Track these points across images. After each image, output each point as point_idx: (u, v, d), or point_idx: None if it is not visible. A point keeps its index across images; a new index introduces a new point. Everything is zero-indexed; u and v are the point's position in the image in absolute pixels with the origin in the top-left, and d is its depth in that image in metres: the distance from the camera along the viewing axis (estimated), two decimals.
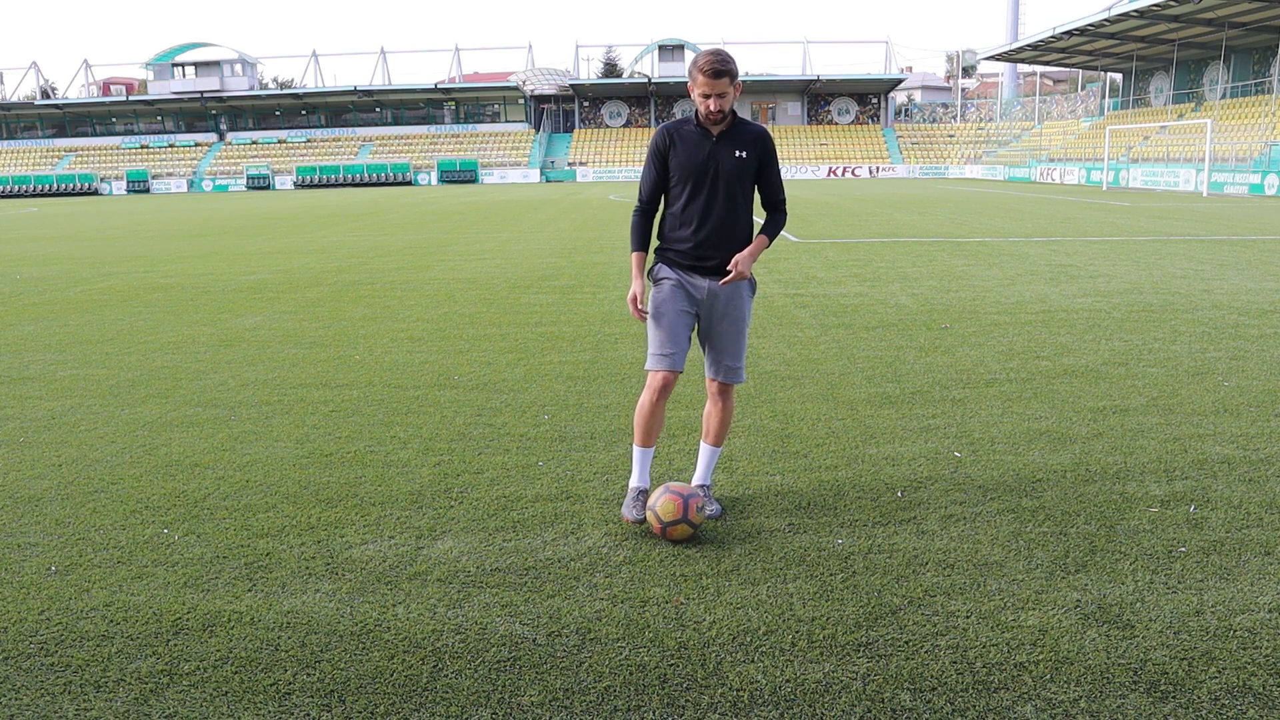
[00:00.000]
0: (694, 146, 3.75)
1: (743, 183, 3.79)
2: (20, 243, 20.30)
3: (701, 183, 3.74)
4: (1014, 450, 4.76)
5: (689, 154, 3.75)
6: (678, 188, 3.80)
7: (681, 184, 3.78)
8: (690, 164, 3.74)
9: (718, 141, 3.74)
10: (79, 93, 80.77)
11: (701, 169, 3.73)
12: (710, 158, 3.73)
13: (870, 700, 2.63)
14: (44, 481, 4.51)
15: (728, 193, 3.75)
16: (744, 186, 3.81)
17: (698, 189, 3.75)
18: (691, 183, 3.74)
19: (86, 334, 8.53)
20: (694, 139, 3.75)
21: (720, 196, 3.75)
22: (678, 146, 3.77)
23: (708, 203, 3.75)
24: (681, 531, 3.66)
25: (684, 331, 3.82)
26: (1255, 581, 3.30)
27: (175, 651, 2.93)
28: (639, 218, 3.90)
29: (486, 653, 2.91)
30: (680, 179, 3.77)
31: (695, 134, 3.76)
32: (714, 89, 3.61)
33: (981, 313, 8.76)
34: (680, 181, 3.78)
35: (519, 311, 9.34)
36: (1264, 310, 8.73)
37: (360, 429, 5.31)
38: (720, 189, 3.74)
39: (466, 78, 79.83)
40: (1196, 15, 41.53)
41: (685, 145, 3.76)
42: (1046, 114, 68.50)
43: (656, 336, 3.82)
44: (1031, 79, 75.43)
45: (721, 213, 3.76)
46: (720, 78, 3.59)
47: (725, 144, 3.74)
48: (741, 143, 3.76)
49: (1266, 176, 33.96)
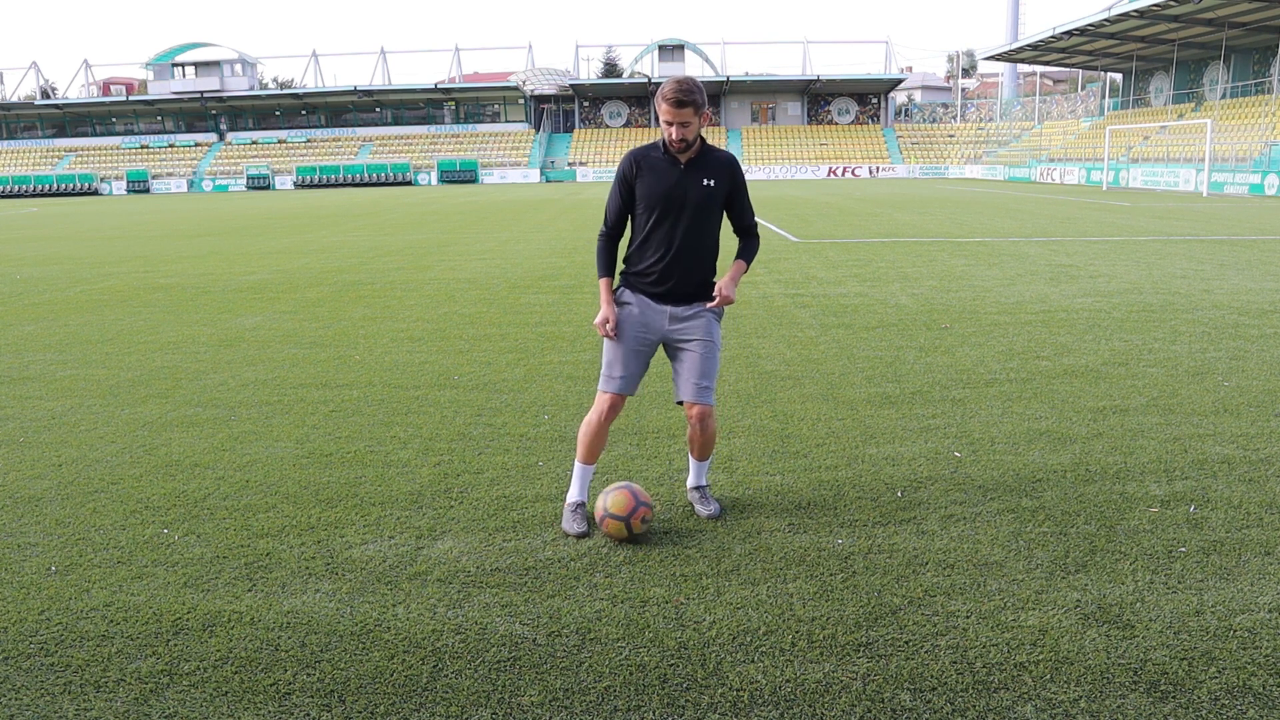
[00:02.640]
0: (661, 174, 3.71)
1: (710, 211, 3.76)
2: (20, 243, 20.30)
3: (668, 211, 3.70)
4: (1014, 450, 4.76)
5: (656, 182, 3.71)
6: (644, 215, 3.75)
7: (648, 212, 3.74)
8: (657, 192, 3.70)
9: (686, 170, 3.70)
10: (79, 93, 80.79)
11: (668, 198, 3.69)
12: (677, 186, 3.69)
13: (870, 700, 2.63)
14: (44, 481, 4.51)
15: (694, 221, 3.72)
16: (711, 215, 3.78)
17: (664, 217, 3.71)
18: (658, 211, 3.71)
19: (86, 334, 8.53)
20: (662, 167, 3.71)
21: (686, 225, 3.71)
22: (645, 174, 3.73)
23: (673, 231, 3.71)
24: (615, 528, 3.67)
25: (639, 359, 3.82)
26: (1255, 581, 3.30)
27: (175, 651, 2.93)
28: (604, 242, 3.87)
29: (486, 653, 2.91)
30: (647, 207, 3.73)
31: (663, 162, 3.72)
32: (677, 117, 3.57)
33: (981, 313, 8.76)
34: (647, 210, 3.74)
35: (519, 311, 9.34)
36: (1264, 310, 8.73)
37: (360, 429, 5.31)
38: (686, 218, 3.71)
39: (466, 78, 79.82)
40: (1196, 15, 41.52)
41: (653, 173, 3.72)
42: (1046, 114, 68.49)
43: (611, 358, 3.82)
44: (1031, 79, 75.42)
45: (688, 241, 3.73)
46: (684, 107, 3.56)
47: (693, 172, 3.71)
48: (709, 171, 3.73)
49: (1266, 176, 33.95)
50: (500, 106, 76.45)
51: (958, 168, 64.79)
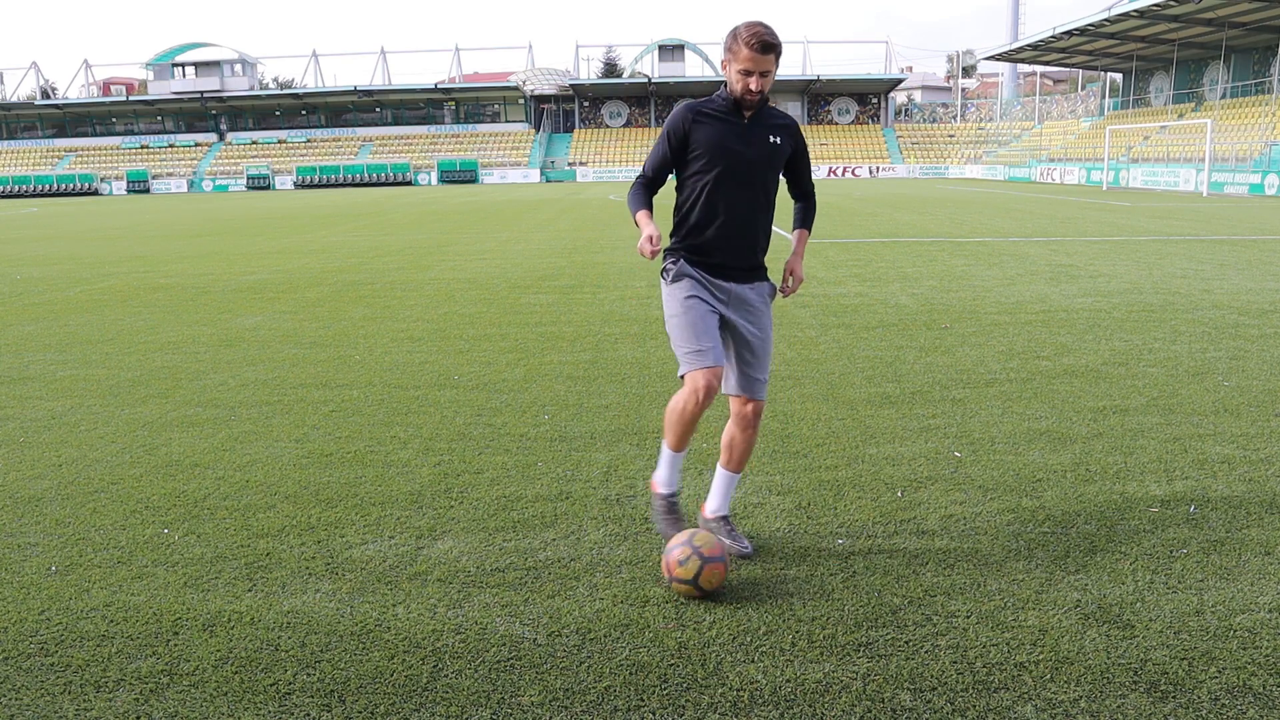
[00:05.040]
0: (724, 127, 3.35)
1: (772, 171, 3.43)
2: (20, 243, 20.30)
3: (729, 168, 3.35)
4: (1014, 450, 4.75)
5: (718, 136, 3.34)
6: (700, 172, 3.39)
7: (706, 167, 3.37)
8: (720, 147, 3.34)
9: (751, 124, 3.37)
10: (79, 93, 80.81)
11: (731, 153, 3.34)
12: (741, 140, 3.35)
13: (870, 700, 2.63)
14: (44, 481, 4.51)
15: (757, 182, 3.39)
16: (772, 176, 3.44)
17: (723, 174, 3.35)
18: (719, 167, 3.35)
19: (86, 334, 8.53)
20: (723, 118, 3.36)
21: (749, 187, 3.38)
22: (704, 125, 3.36)
23: (733, 191, 3.37)
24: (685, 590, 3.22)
25: (715, 328, 3.39)
26: (1255, 581, 3.30)
27: (175, 651, 2.93)
28: (641, 187, 3.48)
29: (486, 653, 2.91)
30: (706, 161, 3.36)
31: (725, 113, 3.36)
32: (759, 65, 3.20)
33: (981, 313, 8.75)
34: (706, 164, 3.37)
35: (519, 311, 9.34)
36: (1264, 310, 8.72)
37: (360, 429, 5.31)
38: (749, 178, 3.37)
39: (466, 78, 79.81)
40: (1196, 15, 41.52)
41: (712, 126, 3.35)
42: (1046, 114, 68.48)
43: (685, 333, 3.37)
44: (1031, 79, 75.42)
45: (747, 204, 3.39)
46: (769, 52, 3.19)
47: (757, 128, 3.37)
48: (774, 129, 3.40)
49: (1266, 176, 33.95)
50: (500, 106, 76.47)
51: (958, 168, 64.78)
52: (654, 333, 7.99)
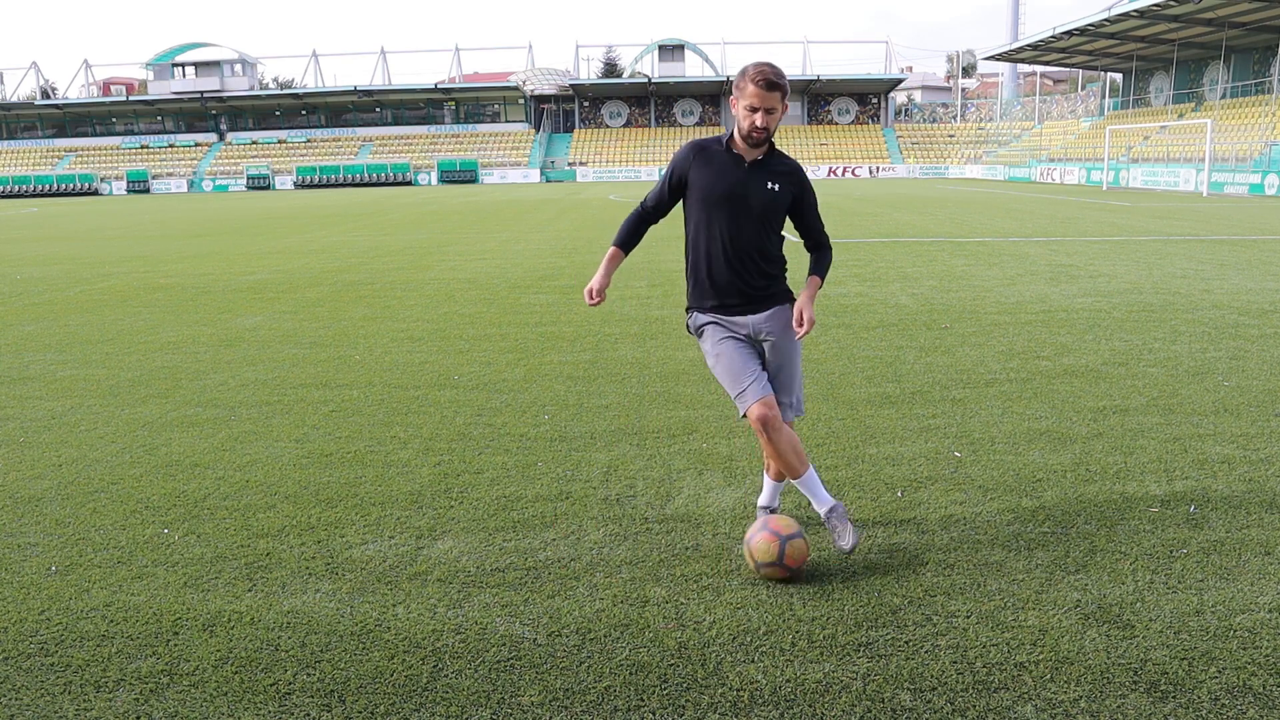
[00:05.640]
0: (723, 170, 3.42)
1: (772, 218, 3.47)
2: (20, 243, 20.30)
3: (725, 215, 3.42)
4: (1014, 450, 4.75)
5: (716, 178, 3.42)
6: (698, 214, 3.48)
7: (704, 209, 3.45)
8: (716, 190, 3.41)
9: (751, 169, 3.42)
10: (79, 93, 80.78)
11: (727, 200, 3.40)
12: (739, 185, 3.40)
13: (870, 700, 2.63)
14: (44, 481, 4.51)
15: (754, 229, 3.44)
16: (772, 222, 3.48)
17: (716, 220, 3.43)
18: (715, 211, 3.42)
19: (86, 334, 8.53)
20: (723, 162, 3.43)
21: (745, 229, 3.43)
22: (704, 167, 3.44)
23: (731, 234, 3.42)
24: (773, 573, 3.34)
25: (750, 359, 3.48)
26: (1255, 581, 3.30)
27: (175, 651, 2.93)
28: (635, 219, 3.64)
29: (486, 653, 2.91)
30: (703, 205, 3.45)
31: (725, 157, 3.43)
32: (765, 102, 3.27)
33: (981, 313, 8.76)
34: (703, 207, 3.45)
35: (519, 311, 9.34)
36: (1264, 310, 8.72)
37: (360, 429, 5.31)
38: (745, 221, 3.42)
39: (466, 78, 79.81)
40: (1196, 15, 41.51)
41: (712, 168, 3.43)
42: (1046, 114, 68.49)
43: (728, 377, 3.47)
44: (1031, 79, 75.42)
45: (744, 247, 3.44)
46: (774, 90, 3.26)
47: (757, 173, 3.42)
48: (774, 175, 3.44)
49: (1266, 176, 33.94)
50: (500, 106, 76.46)
51: (958, 168, 64.77)
52: (654, 333, 7.99)
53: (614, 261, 3.66)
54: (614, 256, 3.66)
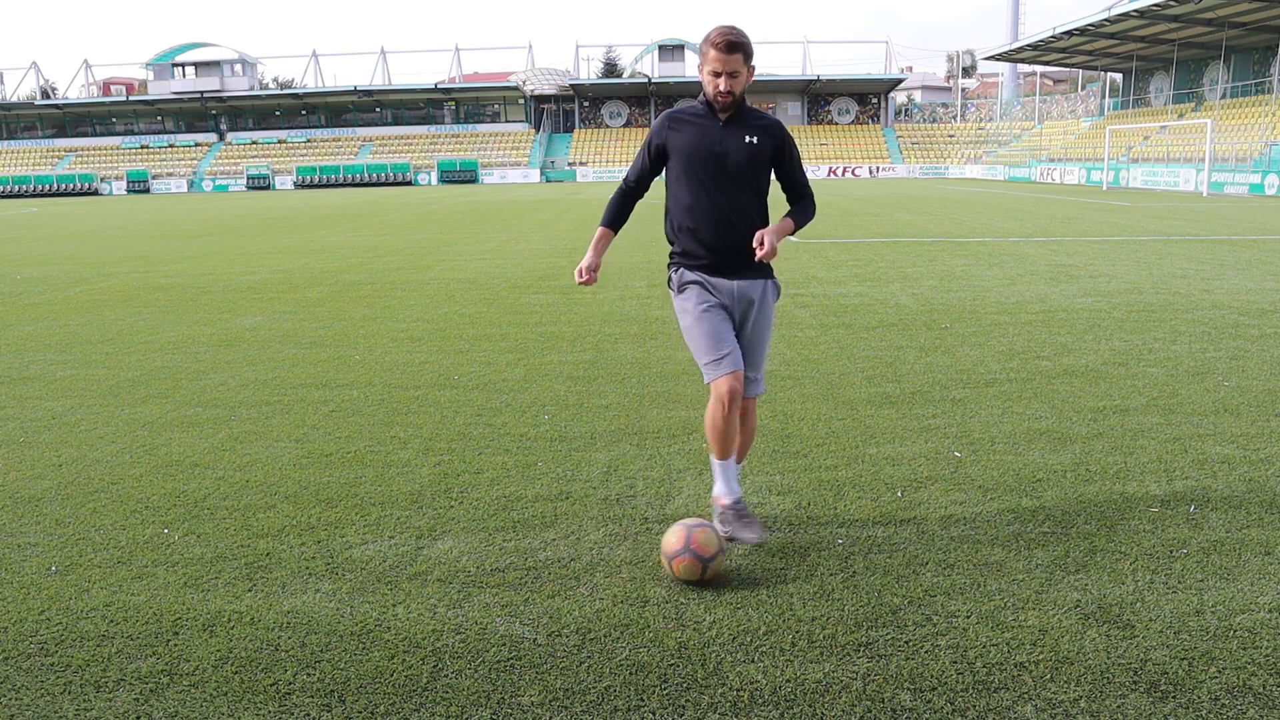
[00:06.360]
0: (700, 131, 3.43)
1: (754, 173, 3.45)
2: (20, 243, 20.30)
3: (707, 172, 3.42)
4: (1014, 450, 4.75)
5: (693, 141, 3.42)
6: (681, 177, 3.47)
7: (686, 172, 3.45)
8: (694, 152, 3.41)
9: (726, 126, 3.42)
10: (79, 93, 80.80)
11: (706, 157, 3.41)
12: (718, 144, 3.40)
13: (870, 700, 2.63)
14: (44, 481, 4.51)
15: (737, 184, 3.43)
16: (755, 177, 3.47)
17: (703, 178, 3.43)
18: (697, 173, 3.43)
19: (86, 334, 8.53)
20: (700, 123, 3.44)
21: (726, 186, 3.43)
22: (680, 131, 3.45)
23: (714, 194, 3.42)
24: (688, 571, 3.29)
25: (728, 330, 3.48)
26: (1255, 581, 3.30)
27: (175, 651, 2.93)
28: (619, 197, 3.64)
29: (486, 653, 2.91)
30: (684, 167, 3.45)
31: (701, 118, 3.44)
32: (726, 65, 3.29)
33: (981, 313, 8.75)
34: (684, 169, 3.45)
35: (519, 311, 9.34)
36: (1264, 310, 8.72)
37: (360, 429, 5.31)
38: (727, 179, 3.42)
39: (466, 78, 79.82)
40: (1196, 15, 41.52)
41: (688, 132, 3.44)
42: (1046, 114, 68.49)
43: (701, 344, 3.45)
44: (1031, 79, 75.42)
45: (730, 204, 3.43)
46: (734, 52, 3.27)
47: (734, 129, 3.42)
48: (751, 129, 3.43)
49: (1266, 176, 33.95)
50: (500, 106, 76.47)
51: (958, 168, 64.78)
52: (654, 333, 7.99)
53: (603, 241, 3.68)
54: (603, 236, 3.68)
